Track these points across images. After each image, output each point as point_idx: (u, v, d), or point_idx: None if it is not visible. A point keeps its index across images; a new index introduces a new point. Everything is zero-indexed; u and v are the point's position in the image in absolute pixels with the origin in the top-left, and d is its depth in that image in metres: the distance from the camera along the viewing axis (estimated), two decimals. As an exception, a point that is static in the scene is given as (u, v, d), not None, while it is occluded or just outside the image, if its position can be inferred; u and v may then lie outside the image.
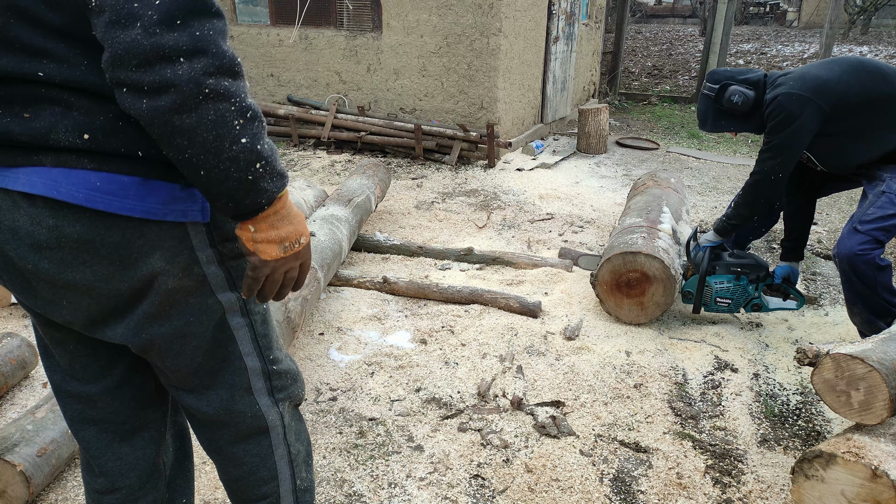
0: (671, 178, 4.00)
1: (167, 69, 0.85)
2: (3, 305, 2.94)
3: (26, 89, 0.93)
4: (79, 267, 0.99)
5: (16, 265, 1.00)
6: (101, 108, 0.94)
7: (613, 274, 2.90)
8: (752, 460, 2.11)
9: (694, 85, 9.98)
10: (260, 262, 1.04)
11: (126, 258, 1.00)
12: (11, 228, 0.96)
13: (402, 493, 1.93)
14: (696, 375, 2.59)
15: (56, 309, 1.05)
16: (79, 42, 0.91)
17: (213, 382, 1.19)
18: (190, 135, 0.89)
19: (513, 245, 4.01)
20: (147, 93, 0.86)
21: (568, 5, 6.77)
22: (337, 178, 5.34)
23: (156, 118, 0.88)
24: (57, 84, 0.92)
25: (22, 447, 1.78)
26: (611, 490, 1.96)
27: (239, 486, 1.30)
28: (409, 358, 2.65)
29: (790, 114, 2.48)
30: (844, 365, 1.79)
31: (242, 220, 1.01)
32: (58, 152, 0.94)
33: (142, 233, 1.00)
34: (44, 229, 0.95)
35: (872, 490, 1.61)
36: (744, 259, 2.88)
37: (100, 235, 0.97)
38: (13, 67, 0.91)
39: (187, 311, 1.09)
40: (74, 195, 0.94)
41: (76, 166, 0.94)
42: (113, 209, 0.96)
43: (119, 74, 0.86)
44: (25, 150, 0.94)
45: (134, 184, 0.97)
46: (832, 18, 8.39)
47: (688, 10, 22.12)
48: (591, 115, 6.25)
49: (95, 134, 0.94)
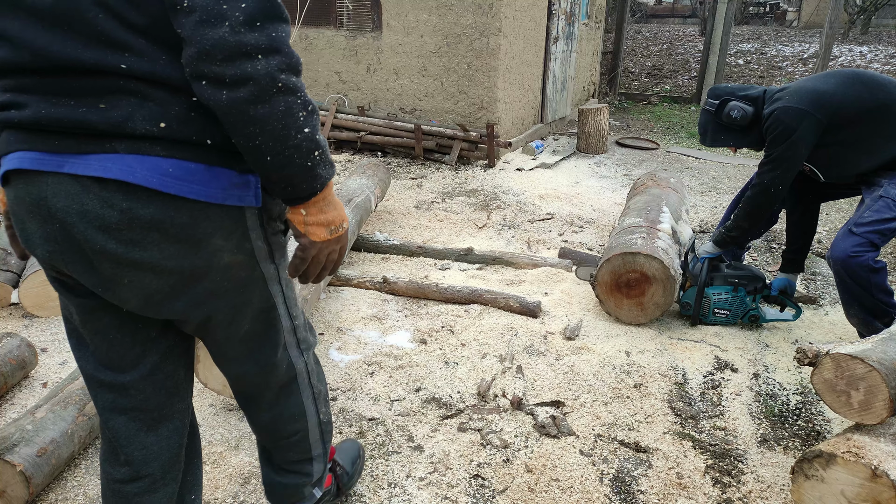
0: (671, 178, 4.00)
1: (247, 64, 0.96)
2: (3, 305, 2.94)
3: (105, 81, 1.00)
4: (147, 246, 1.06)
5: (81, 247, 1.06)
6: (176, 100, 1.03)
7: (613, 274, 2.90)
8: (752, 460, 2.11)
9: (694, 85, 9.98)
10: (309, 244, 1.17)
11: (191, 238, 1.09)
12: (80, 212, 1.03)
13: (402, 493, 1.93)
14: (696, 375, 2.59)
15: (115, 289, 1.12)
16: (158, 40, 1.00)
17: (259, 345, 1.32)
18: (262, 124, 1.00)
19: (513, 245, 4.01)
20: (228, 85, 0.96)
21: (568, 5, 6.77)
22: (336, 178, 5.35)
23: (233, 108, 0.98)
24: (136, 76, 1.00)
25: (22, 447, 1.78)
26: (611, 490, 1.96)
27: (274, 428, 1.47)
28: (409, 358, 2.65)
29: (787, 127, 2.53)
30: (844, 365, 1.79)
31: (296, 204, 1.13)
32: (133, 140, 1.02)
33: (206, 215, 1.09)
34: (115, 211, 1.03)
35: (872, 490, 1.61)
36: (741, 271, 2.92)
37: (170, 217, 1.05)
38: (97, 59, 0.98)
39: (239, 285, 1.20)
40: (149, 180, 1.02)
41: (149, 153, 1.02)
42: (182, 193, 1.05)
43: (203, 68, 0.96)
44: (98, 138, 1.02)
45: (200, 170, 1.06)
46: (832, 18, 8.38)
47: (688, 10, 22.12)
48: (590, 115, 6.25)
49: (170, 122, 1.03)
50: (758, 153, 4.49)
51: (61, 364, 2.55)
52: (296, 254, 1.19)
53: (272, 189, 1.12)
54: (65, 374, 2.44)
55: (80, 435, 1.96)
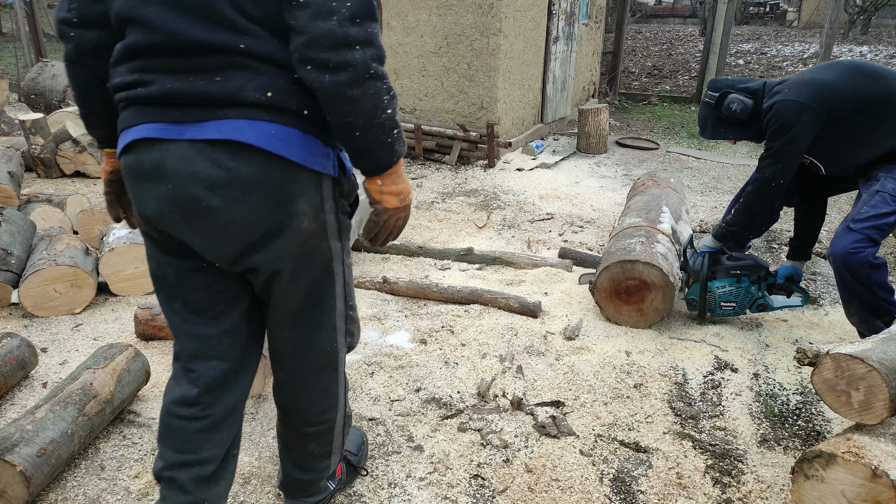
0: (671, 178, 4.00)
1: (348, 53, 1.16)
2: (3, 305, 2.94)
3: (223, 58, 1.20)
4: (244, 203, 1.24)
5: (187, 205, 1.24)
6: (282, 75, 1.23)
7: (612, 281, 2.90)
8: (752, 460, 2.11)
9: (694, 85, 9.98)
10: (383, 209, 1.37)
11: (282, 198, 1.26)
12: (192, 173, 1.21)
13: (402, 493, 1.93)
14: (696, 375, 2.59)
15: (211, 243, 1.30)
16: (269, 27, 1.21)
17: (312, 317, 1.45)
18: (356, 104, 1.19)
19: (513, 245, 4.01)
20: (331, 70, 1.16)
21: (568, 5, 6.77)
22: (337, 178, 5.34)
23: (334, 89, 1.18)
24: (251, 55, 1.20)
25: (22, 447, 1.78)
26: (611, 490, 1.96)
27: (307, 413, 1.57)
28: (409, 358, 2.65)
29: (787, 121, 2.52)
30: (844, 365, 1.79)
31: (374, 175, 1.33)
32: (244, 107, 1.21)
33: (297, 177, 1.27)
34: (221, 171, 1.21)
35: (872, 490, 1.61)
36: (743, 261, 2.89)
37: (267, 175, 1.23)
38: (220, 40, 1.19)
39: (309, 251, 1.36)
40: (256, 139, 1.21)
41: (257, 118, 1.21)
42: (282, 153, 1.23)
43: (311, 54, 1.16)
44: (214, 107, 1.21)
45: (296, 135, 1.25)
46: (832, 18, 8.38)
47: (688, 10, 22.10)
48: (591, 115, 6.25)
49: (276, 93, 1.22)
50: (758, 153, 4.48)
51: (61, 364, 2.55)
52: (370, 219, 1.39)
53: (356, 161, 1.32)
54: (65, 374, 2.44)
55: (80, 435, 1.96)
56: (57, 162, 4.87)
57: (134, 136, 1.24)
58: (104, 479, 1.95)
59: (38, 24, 8.78)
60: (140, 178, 1.27)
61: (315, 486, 1.72)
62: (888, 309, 2.43)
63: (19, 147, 4.81)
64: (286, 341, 1.50)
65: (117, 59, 1.28)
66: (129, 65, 1.25)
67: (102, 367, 2.18)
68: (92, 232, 3.58)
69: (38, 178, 4.87)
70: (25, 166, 4.66)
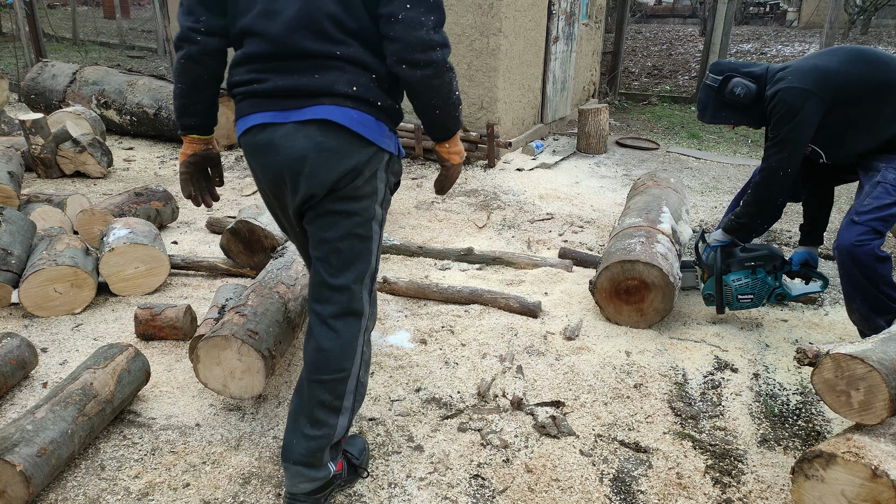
0: (671, 178, 4.00)
1: (432, 53, 1.58)
2: (3, 305, 2.94)
3: (320, 62, 1.61)
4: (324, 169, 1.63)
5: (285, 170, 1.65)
6: (364, 74, 1.64)
7: (612, 282, 2.90)
8: (752, 460, 2.11)
9: (694, 85, 9.98)
10: (451, 165, 1.87)
11: (352, 163, 1.65)
12: (292, 146, 1.63)
13: (402, 494, 1.93)
14: (696, 375, 2.59)
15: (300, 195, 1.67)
16: (359, 38, 1.62)
17: (347, 265, 1.74)
18: (438, 90, 1.64)
19: (513, 245, 4.01)
20: (420, 67, 1.58)
21: (568, 5, 6.77)
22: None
23: (423, 81, 1.61)
24: (343, 59, 1.61)
25: (22, 447, 1.78)
26: (611, 490, 1.96)
27: (328, 357, 1.77)
28: (409, 358, 2.65)
29: (792, 108, 2.49)
30: (844, 365, 1.79)
31: (443, 141, 1.82)
32: (334, 97, 1.61)
33: (366, 150, 1.66)
34: (312, 143, 1.62)
35: (872, 490, 1.61)
36: (757, 251, 2.83)
37: (345, 146, 1.64)
38: (321, 49, 1.60)
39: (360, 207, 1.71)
40: (341, 119, 1.61)
41: (343, 105, 1.62)
42: (359, 131, 1.63)
43: (406, 56, 1.57)
44: (311, 97, 1.61)
45: (370, 120, 1.66)
46: (832, 18, 8.38)
47: (688, 10, 22.09)
48: (591, 115, 6.25)
49: (359, 87, 1.63)
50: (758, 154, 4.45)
51: (61, 364, 2.55)
52: (441, 174, 1.90)
53: (431, 132, 1.79)
54: (65, 374, 2.44)
55: (80, 435, 1.96)
56: (57, 162, 4.87)
57: (252, 123, 1.67)
58: (104, 479, 1.95)
59: (38, 24, 8.78)
60: (256, 152, 1.70)
61: (320, 455, 1.78)
62: (890, 306, 2.43)
63: (19, 147, 4.80)
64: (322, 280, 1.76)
65: (236, 62, 1.70)
66: (247, 67, 1.67)
67: (102, 367, 2.18)
68: (92, 232, 3.58)
69: (38, 178, 4.87)
70: (25, 166, 4.66)
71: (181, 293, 3.20)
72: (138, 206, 3.79)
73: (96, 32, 14.09)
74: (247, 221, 3.00)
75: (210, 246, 3.80)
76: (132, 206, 3.76)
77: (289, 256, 2.73)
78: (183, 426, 2.21)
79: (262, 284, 2.50)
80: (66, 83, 6.32)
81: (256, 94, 1.66)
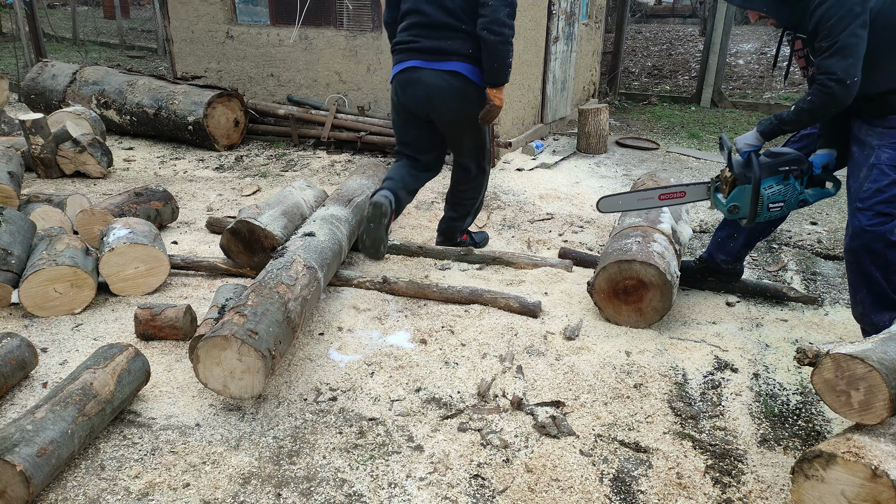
0: (671, 179, 4.00)
1: (504, 28, 3.01)
2: (3, 305, 2.94)
3: (449, 31, 3.10)
4: (453, 96, 3.19)
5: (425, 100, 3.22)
6: (472, 40, 3.10)
7: (610, 282, 2.90)
8: (752, 460, 2.11)
9: (694, 85, 9.98)
10: (500, 103, 3.21)
11: (467, 95, 3.20)
12: (432, 83, 3.16)
13: (402, 493, 1.93)
14: (696, 375, 2.59)
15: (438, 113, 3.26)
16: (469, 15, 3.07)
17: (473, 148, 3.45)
18: (502, 52, 3.05)
19: (513, 245, 4.01)
20: (496, 35, 3.00)
21: (568, 5, 6.77)
22: (337, 178, 5.34)
23: (496, 45, 3.02)
24: (463, 30, 3.08)
25: (22, 447, 1.78)
26: (611, 490, 1.96)
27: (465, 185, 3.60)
28: (409, 358, 2.65)
29: (851, 9, 2.32)
30: (844, 365, 1.79)
31: (495, 87, 3.16)
32: (459, 56, 3.12)
33: (474, 87, 3.18)
34: (445, 83, 3.15)
35: (872, 490, 1.61)
36: (786, 155, 2.68)
37: (463, 86, 3.18)
38: (453, 22, 3.08)
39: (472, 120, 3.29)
40: (462, 70, 3.14)
41: (464, 61, 3.14)
42: (471, 76, 3.16)
43: (489, 27, 2.99)
44: (445, 54, 3.13)
45: (476, 70, 3.16)
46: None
47: (688, 10, 22.07)
48: (591, 115, 6.24)
49: (472, 49, 3.10)
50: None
51: (61, 364, 2.55)
52: (486, 108, 3.21)
53: (490, 79, 3.12)
54: (65, 374, 2.44)
55: (80, 435, 1.96)
56: (57, 162, 4.87)
57: (405, 65, 3.18)
58: (104, 479, 1.95)
59: (38, 24, 8.78)
60: (406, 85, 3.20)
61: (456, 230, 3.72)
62: (894, 301, 2.41)
63: (19, 147, 4.80)
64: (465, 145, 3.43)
65: (402, 29, 3.21)
66: (407, 32, 3.17)
67: (102, 367, 2.18)
68: (92, 232, 3.58)
69: (38, 178, 4.87)
70: (25, 166, 4.66)
71: (181, 293, 3.20)
72: (138, 206, 3.79)
73: (96, 32, 14.10)
74: (247, 221, 3.00)
75: (210, 246, 3.80)
76: (132, 206, 3.76)
77: (289, 256, 2.73)
78: (183, 426, 2.21)
79: (262, 284, 2.50)
80: (66, 83, 6.32)
81: (411, 50, 3.14)
